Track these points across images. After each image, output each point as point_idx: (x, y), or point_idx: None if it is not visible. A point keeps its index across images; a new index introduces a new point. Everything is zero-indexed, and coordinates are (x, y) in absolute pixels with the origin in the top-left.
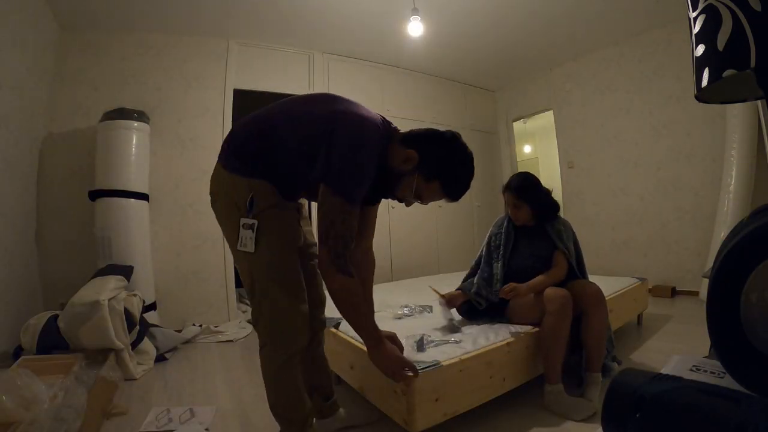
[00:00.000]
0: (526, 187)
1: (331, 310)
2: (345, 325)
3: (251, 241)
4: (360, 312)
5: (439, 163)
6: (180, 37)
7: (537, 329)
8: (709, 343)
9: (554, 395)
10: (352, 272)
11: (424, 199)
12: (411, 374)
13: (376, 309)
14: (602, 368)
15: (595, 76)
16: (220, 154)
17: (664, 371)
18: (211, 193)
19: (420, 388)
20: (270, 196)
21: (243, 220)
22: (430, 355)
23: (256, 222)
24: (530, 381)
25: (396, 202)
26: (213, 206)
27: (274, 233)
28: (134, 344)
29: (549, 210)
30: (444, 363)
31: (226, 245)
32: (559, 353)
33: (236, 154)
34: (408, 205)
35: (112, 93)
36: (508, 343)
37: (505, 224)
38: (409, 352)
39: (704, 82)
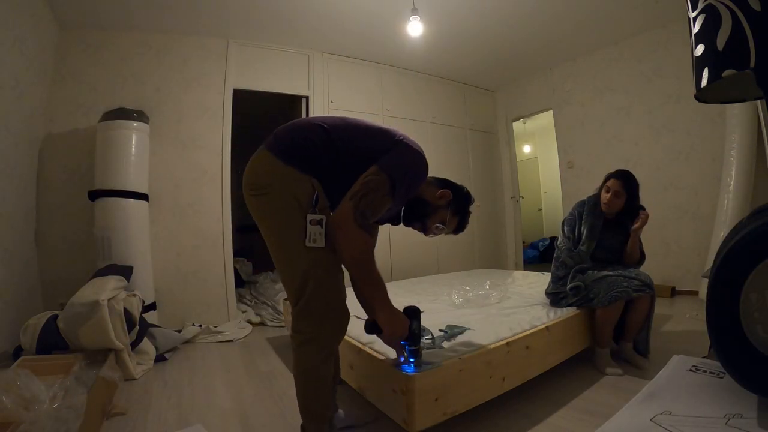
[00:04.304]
0: (633, 181)
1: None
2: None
3: (321, 236)
4: (378, 275)
5: (462, 204)
6: (180, 37)
7: (538, 328)
8: (708, 343)
9: (601, 355)
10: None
11: (448, 229)
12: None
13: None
14: (633, 345)
15: (595, 76)
16: (272, 144)
17: (663, 372)
18: (258, 186)
19: (420, 388)
20: (325, 198)
21: (310, 216)
22: (429, 356)
23: (324, 218)
24: (529, 381)
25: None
26: (256, 198)
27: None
28: (134, 344)
29: (635, 210)
30: (444, 363)
31: (226, 245)
32: (611, 325)
33: (297, 147)
34: (428, 233)
35: (112, 93)
36: (507, 343)
37: (591, 209)
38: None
39: (704, 82)
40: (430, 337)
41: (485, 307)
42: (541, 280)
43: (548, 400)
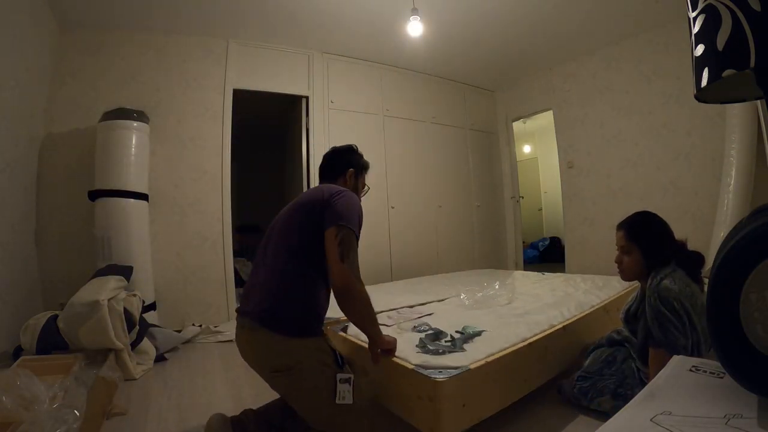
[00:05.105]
0: (642, 225)
1: (334, 312)
2: (352, 329)
3: (349, 393)
4: (373, 312)
5: (360, 161)
6: (180, 37)
7: (556, 328)
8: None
9: None
10: None
11: (360, 190)
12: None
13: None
14: None
15: (594, 76)
16: (269, 321)
17: (663, 372)
18: (282, 366)
19: (448, 394)
20: (342, 342)
21: (340, 375)
22: (454, 359)
23: (352, 376)
24: (548, 382)
25: (394, 203)
26: (283, 376)
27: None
28: (134, 344)
29: (665, 256)
30: (471, 367)
31: (227, 245)
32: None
33: (298, 318)
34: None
35: (112, 93)
36: (529, 344)
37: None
38: (421, 351)
39: (704, 82)
40: (450, 339)
41: (495, 308)
42: (543, 280)
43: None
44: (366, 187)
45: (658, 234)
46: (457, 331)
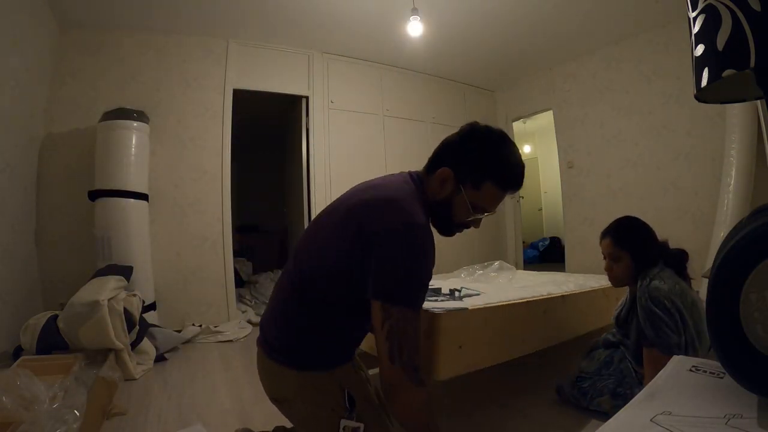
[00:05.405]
0: (627, 230)
1: None
2: None
3: None
4: (426, 420)
5: (478, 162)
6: (180, 37)
7: (555, 295)
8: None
9: None
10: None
11: (488, 208)
12: None
13: None
14: None
15: (594, 76)
16: (267, 349)
17: (663, 372)
18: (280, 398)
19: (445, 328)
20: (359, 383)
21: (344, 423)
22: (452, 305)
23: (361, 426)
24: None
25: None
26: (281, 405)
27: (380, 426)
28: (134, 344)
29: (653, 257)
30: (470, 308)
31: (227, 245)
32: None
33: (299, 349)
34: (477, 225)
35: (112, 93)
36: (527, 302)
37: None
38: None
39: (704, 82)
40: (448, 293)
41: (496, 282)
42: (544, 277)
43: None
44: (480, 214)
45: (644, 237)
46: (453, 289)
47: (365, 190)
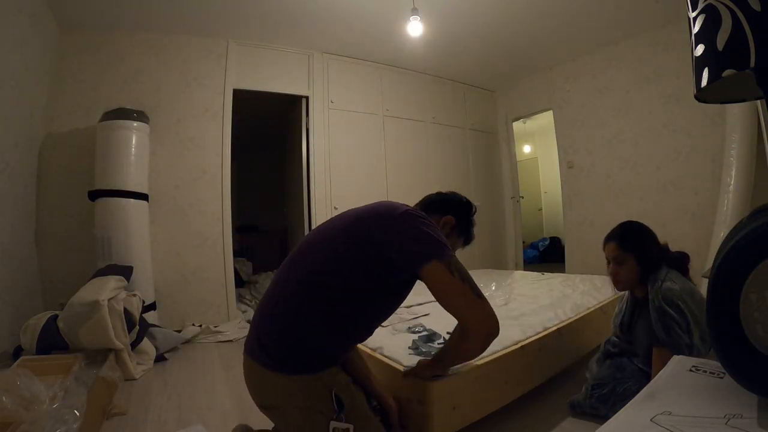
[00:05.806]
0: (632, 234)
1: None
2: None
3: None
4: None
5: (466, 222)
6: (180, 37)
7: (550, 330)
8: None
9: None
10: None
11: (455, 249)
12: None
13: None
14: None
15: (594, 76)
16: (256, 354)
17: (663, 372)
18: (269, 405)
19: (438, 396)
20: (346, 386)
21: (334, 424)
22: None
23: (351, 427)
24: (541, 385)
25: None
26: (270, 412)
27: (370, 427)
28: (134, 344)
29: (656, 262)
30: (460, 370)
31: (227, 245)
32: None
33: (294, 349)
34: None
35: (112, 93)
36: (521, 347)
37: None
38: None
39: (704, 82)
40: (442, 342)
41: None
42: (542, 280)
43: (563, 404)
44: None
45: (648, 240)
46: (448, 332)
47: (366, 206)
